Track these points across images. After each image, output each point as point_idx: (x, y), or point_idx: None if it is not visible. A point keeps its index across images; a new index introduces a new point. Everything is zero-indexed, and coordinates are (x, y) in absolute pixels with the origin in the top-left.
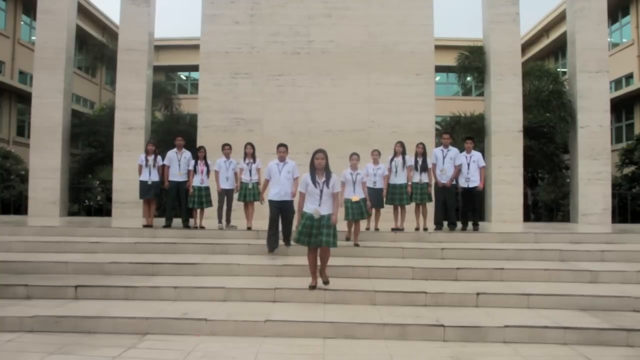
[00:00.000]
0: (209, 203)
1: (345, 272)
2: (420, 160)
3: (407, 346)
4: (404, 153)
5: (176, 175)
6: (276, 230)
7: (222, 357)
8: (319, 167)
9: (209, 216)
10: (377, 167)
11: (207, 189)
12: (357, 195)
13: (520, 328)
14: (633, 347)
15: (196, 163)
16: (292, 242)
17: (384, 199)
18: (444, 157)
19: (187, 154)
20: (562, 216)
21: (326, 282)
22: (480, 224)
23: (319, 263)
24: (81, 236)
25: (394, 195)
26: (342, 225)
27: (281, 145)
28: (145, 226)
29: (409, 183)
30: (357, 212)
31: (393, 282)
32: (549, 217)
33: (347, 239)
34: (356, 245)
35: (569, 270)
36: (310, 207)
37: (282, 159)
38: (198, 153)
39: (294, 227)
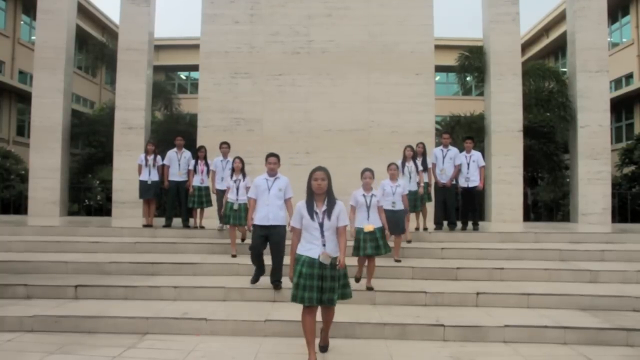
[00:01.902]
0: (209, 203)
1: None
2: (420, 160)
3: (407, 346)
4: (414, 157)
5: (176, 175)
6: (260, 262)
7: (222, 357)
8: (319, 191)
9: (209, 216)
10: (396, 185)
11: (207, 188)
12: (371, 224)
13: (520, 328)
14: (633, 347)
15: (196, 163)
16: (282, 285)
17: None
18: (443, 157)
19: (187, 153)
20: (562, 216)
21: (325, 349)
22: (480, 223)
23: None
24: (81, 236)
25: (409, 202)
26: (350, 260)
27: (271, 155)
28: (145, 226)
29: (422, 184)
30: (372, 245)
31: (393, 282)
32: (549, 217)
33: (357, 280)
34: (370, 289)
35: (569, 270)
36: (309, 249)
37: (272, 173)
38: (198, 153)
39: (286, 273)
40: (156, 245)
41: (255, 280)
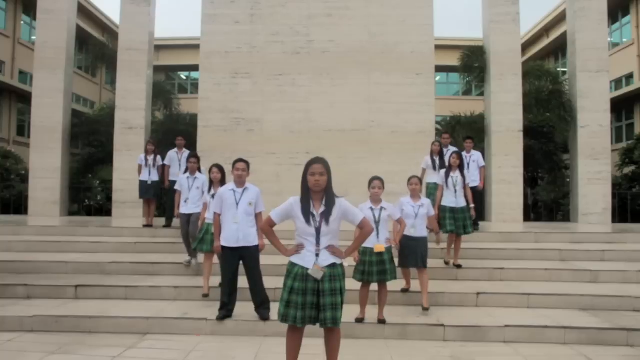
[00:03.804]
0: None
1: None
2: (437, 159)
3: (407, 346)
4: (461, 166)
5: (176, 175)
6: (232, 290)
7: (222, 357)
8: (316, 188)
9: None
10: (419, 204)
11: None
12: (381, 243)
13: (520, 328)
14: (633, 347)
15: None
16: (269, 315)
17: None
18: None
19: (187, 153)
20: (562, 216)
21: None
22: (480, 223)
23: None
24: (81, 236)
25: (457, 222)
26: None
27: (239, 160)
28: (145, 226)
29: (472, 205)
30: (379, 270)
31: (393, 282)
32: (549, 217)
33: (360, 320)
34: (381, 321)
35: (569, 270)
36: (304, 256)
37: (240, 182)
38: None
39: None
40: (156, 245)
41: (224, 315)
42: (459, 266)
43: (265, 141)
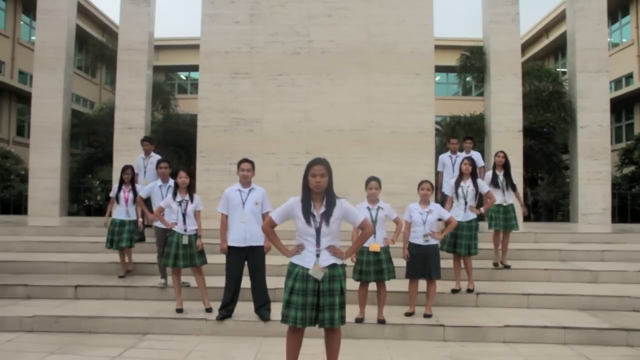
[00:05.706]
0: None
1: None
2: (501, 174)
3: (407, 346)
4: (474, 174)
5: (141, 183)
6: (236, 291)
7: (222, 357)
8: (317, 189)
9: (208, 216)
10: (427, 210)
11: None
12: (377, 242)
13: (520, 328)
14: (633, 347)
15: (119, 189)
16: (270, 316)
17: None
18: (453, 164)
19: (156, 159)
20: (562, 216)
21: None
22: (480, 223)
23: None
24: (81, 236)
25: (457, 239)
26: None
27: (244, 160)
28: (145, 226)
29: (476, 207)
30: (376, 269)
31: (393, 282)
32: (549, 217)
33: (359, 320)
34: (381, 322)
35: (569, 270)
36: (304, 257)
37: (245, 182)
38: (123, 175)
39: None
40: (156, 245)
41: (224, 316)
42: (470, 290)
43: (265, 141)
